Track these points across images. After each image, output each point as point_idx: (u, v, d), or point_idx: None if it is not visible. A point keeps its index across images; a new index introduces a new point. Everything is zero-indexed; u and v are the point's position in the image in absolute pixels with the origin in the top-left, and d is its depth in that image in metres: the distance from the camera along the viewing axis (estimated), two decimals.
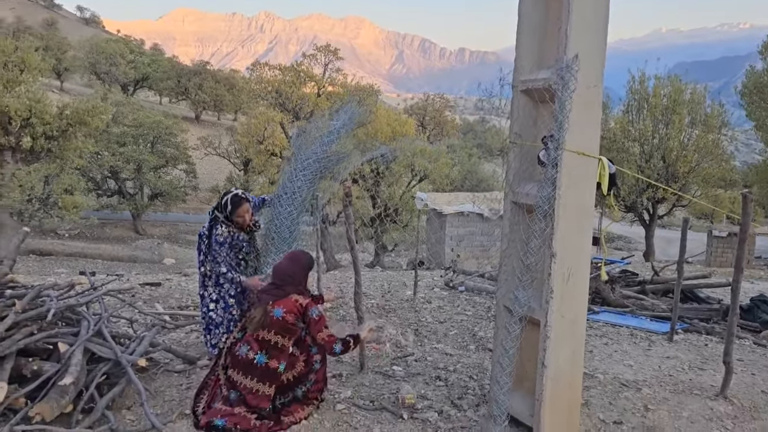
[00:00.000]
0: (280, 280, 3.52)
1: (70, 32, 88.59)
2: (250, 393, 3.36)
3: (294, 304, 3.44)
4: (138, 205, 30.60)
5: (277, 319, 3.41)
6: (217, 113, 59.92)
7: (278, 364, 3.43)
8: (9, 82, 14.74)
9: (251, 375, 3.38)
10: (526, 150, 3.38)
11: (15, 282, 3.50)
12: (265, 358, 3.40)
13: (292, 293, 3.48)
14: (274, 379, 3.42)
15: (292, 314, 3.43)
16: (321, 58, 29.56)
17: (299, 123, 26.31)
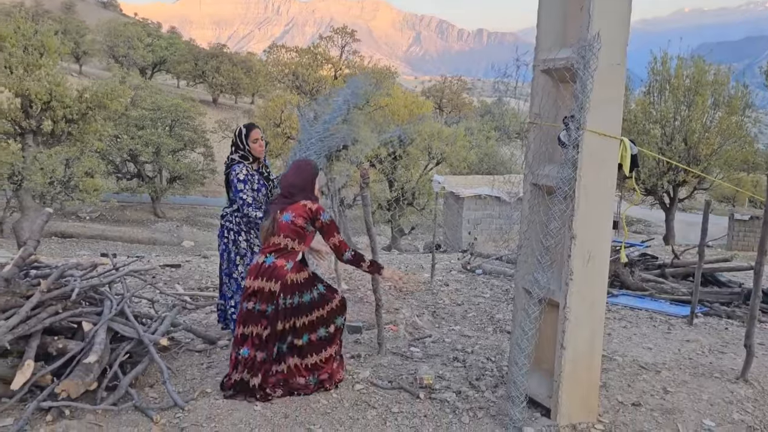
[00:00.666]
0: (288, 191, 3.61)
1: (88, 16, 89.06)
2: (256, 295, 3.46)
3: (303, 209, 3.53)
4: (157, 188, 30.89)
5: (286, 223, 3.51)
6: (235, 96, 60.03)
7: (286, 262, 3.51)
8: (29, 65, 14.87)
9: (260, 276, 3.48)
10: (546, 130, 3.35)
11: (39, 262, 3.56)
12: (273, 257, 3.50)
13: (300, 199, 3.56)
14: (281, 275, 3.47)
15: (302, 218, 3.51)
16: (338, 41, 29.42)
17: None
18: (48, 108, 15.29)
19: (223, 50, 59.37)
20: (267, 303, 3.47)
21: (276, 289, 3.46)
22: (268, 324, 3.48)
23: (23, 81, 14.51)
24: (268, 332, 3.49)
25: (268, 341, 3.50)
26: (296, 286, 3.53)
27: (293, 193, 3.59)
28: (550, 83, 3.32)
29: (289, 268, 3.50)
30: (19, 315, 3.09)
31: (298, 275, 3.54)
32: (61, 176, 15.15)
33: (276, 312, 3.48)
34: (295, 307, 3.54)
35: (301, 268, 3.60)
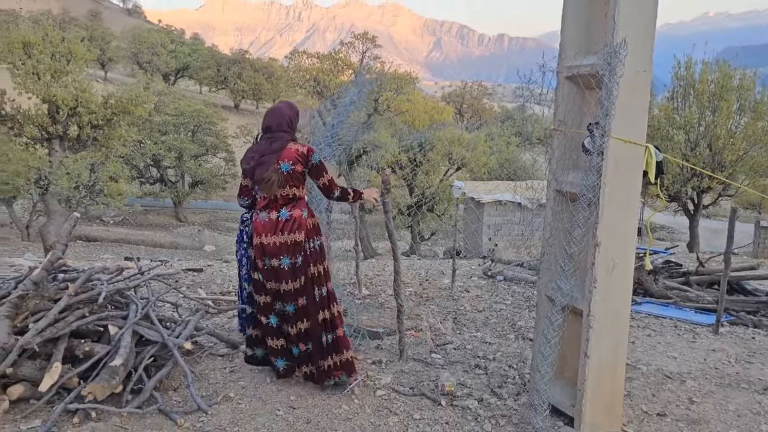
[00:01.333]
0: (273, 132, 3.59)
1: (113, 23, 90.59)
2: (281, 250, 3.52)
3: (296, 154, 3.53)
4: (179, 193, 31.25)
5: (288, 173, 3.52)
6: (256, 102, 60.55)
7: (301, 211, 3.58)
8: (56, 72, 15.15)
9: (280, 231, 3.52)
10: (570, 137, 3.33)
11: (67, 266, 3.62)
12: (287, 211, 3.55)
13: (288, 142, 3.56)
14: (303, 224, 3.55)
15: (300, 164, 3.53)
16: (359, 46, 29.55)
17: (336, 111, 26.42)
18: (74, 114, 15.57)
19: (245, 56, 59.96)
20: (295, 254, 3.53)
21: (301, 239, 3.54)
22: (299, 274, 3.56)
23: (50, 87, 14.80)
24: (300, 283, 3.57)
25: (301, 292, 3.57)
26: (314, 230, 3.65)
27: (278, 134, 3.57)
28: (575, 90, 3.30)
29: (306, 215, 3.60)
30: (47, 318, 3.15)
31: (313, 219, 3.68)
32: (86, 181, 15.40)
33: (306, 258, 3.57)
34: (318, 251, 3.66)
35: (312, 212, 3.71)
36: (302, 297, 3.59)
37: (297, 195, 3.58)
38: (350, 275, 8.04)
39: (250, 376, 3.86)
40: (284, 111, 3.68)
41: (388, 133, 26.15)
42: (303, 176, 3.59)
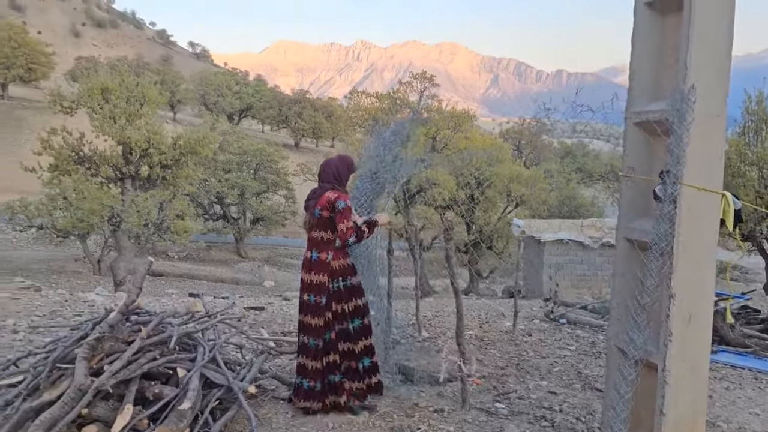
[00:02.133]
0: (320, 182, 4.10)
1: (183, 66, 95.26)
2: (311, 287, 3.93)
3: (326, 200, 3.93)
4: (241, 229, 32.07)
5: (317, 218, 3.96)
6: (316, 140, 62.00)
7: (327, 254, 3.94)
8: (131, 115, 15.99)
9: (311, 271, 3.95)
10: (640, 183, 3.24)
11: (140, 308, 3.75)
12: (316, 252, 3.96)
13: (327, 191, 3.97)
14: (326, 266, 3.91)
15: (326, 210, 3.92)
16: (416, 85, 29.94)
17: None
18: (146, 154, 16.34)
19: (306, 96, 61.73)
20: (320, 294, 3.91)
21: (325, 280, 3.90)
22: (323, 312, 3.90)
23: (125, 130, 15.61)
24: (324, 320, 3.90)
25: (322, 330, 3.90)
26: (339, 271, 3.95)
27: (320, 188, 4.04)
28: (644, 136, 3.23)
29: (330, 258, 3.94)
30: (121, 360, 3.25)
31: (338, 262, 3.96)
32: (154, 218, 16.03)
33: (329, 298, 3.91)
34: (342, 291, 3.96)
35: (340, 255, 3.99)
36: (325, 333, 3.92)
37: (325, 238, 3.96)
38: (409, 316, 7.99)
39: (312, 422, 3.85)
40: (332, 164, 4.15)
41: (445, 170, 26.16)
42: (330, 221, 3.93)
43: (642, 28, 3.19)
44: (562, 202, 37.70)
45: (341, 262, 3.99)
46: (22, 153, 36.81)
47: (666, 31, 3.13)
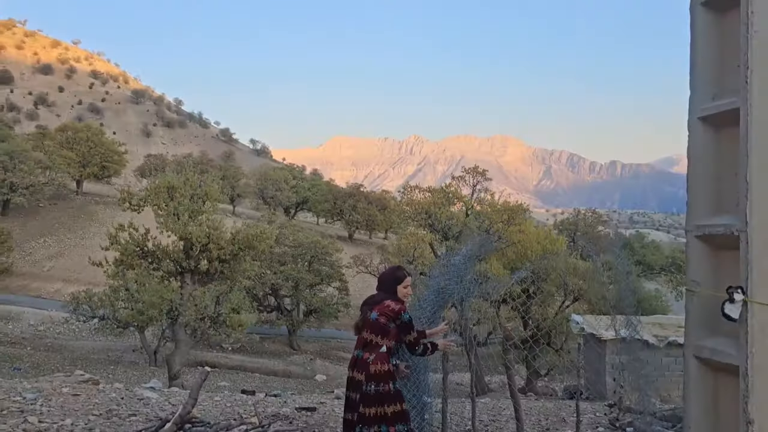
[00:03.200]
0: (378, 289, 4.35)
1: (243, 162, 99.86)
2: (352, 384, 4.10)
3: (387, 308, 4.12)
4: (294, 321, 32.18)
5: (372, 321, 4.12)
6: (369, 232, 62.78)
7: (370, 355, 4.08)
8: (193, 212, 16.70)
9: (353, 368, 4.13)
10: (707, 299, 3.11)
11: (195, 418, 3.76)
12: (362, 351, 4.12)
13: (386, 299, 4.17)
14: (366, 367, 4.03)
15: (385, 316, 4.10)
16: (469, 180, 30.31)
17: (448, 243, 26.71)
18: (205, 249, 16.89)
19: (360, 189, 63.25)
20: (357, 391, 4.05)
21: (362, 379, 4.04)
22: (356, 408, 4.03)
23: (187, 226, 16.26)
24: (355, 418, 4.02)
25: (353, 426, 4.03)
26: (374, 375, 4.04)
27: (379, 295, 4.27)
28: (707, 249, 3.14)
29: (371, 360, 4.06)
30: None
31: (377, 366, 4.06)
32: (211, 312, 16.31)
33: (361, 397, 4.02)
34: (372, 395, 4.02)
35: (383, 360, 4.09)
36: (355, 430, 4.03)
37: (373, 341, 4.13)
38: (465, 420, 7.68)
39: None
40: (389, 275, 4.49)
41: (500, 264, 25.88)
42: (384, 328, 4.12)
43: (697, 143, 3.18)
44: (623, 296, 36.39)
45: (379, 367, 4.10)
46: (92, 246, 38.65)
47: (722, 142, 3.11)
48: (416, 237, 27.52)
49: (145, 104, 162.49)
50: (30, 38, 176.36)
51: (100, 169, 55.74)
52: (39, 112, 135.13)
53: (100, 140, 56.11)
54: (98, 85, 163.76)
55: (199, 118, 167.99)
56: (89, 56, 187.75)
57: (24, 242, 42.92)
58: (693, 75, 3.17)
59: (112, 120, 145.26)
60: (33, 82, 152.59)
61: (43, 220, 46.84)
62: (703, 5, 3.14)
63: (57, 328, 31.36)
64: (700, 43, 3.15)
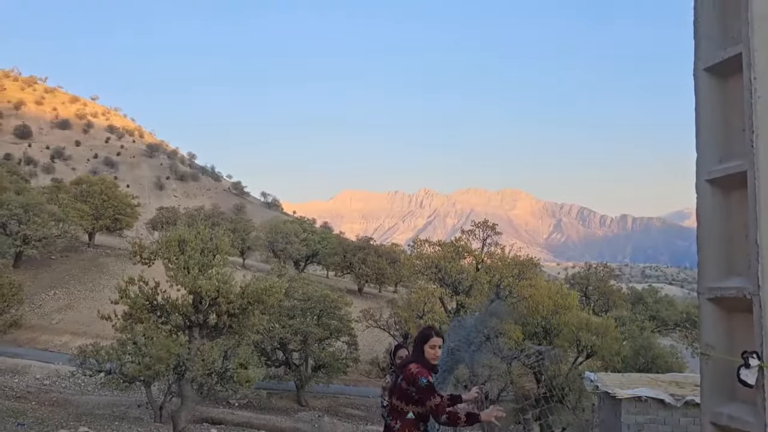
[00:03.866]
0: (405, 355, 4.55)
1: (254, 215, 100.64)
2: None
3: (408, 372, 4.03)
4: (302, 376, 31.65)
5: (398, 386, 4.12)
6: (379, 285, 62.43)
7: (396, 423, 4.06)
8: (204, 266, 16.73)
9: None
10: (722, 363, 3.06)
11: None
12: (389, 417, 4.16)
13: (410, 362, 4.11)
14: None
15: (406, 381, 4.03)
16: (479, 234, 30.31)
17: (458, 297, 26.50)
18: (215, 303, 16.83)
19: (369, 242, 63.29)
20: None
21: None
22: None
23: (197, 280, 16.27)
24: None
25: None
26: None
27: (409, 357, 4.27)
28: (720, 311, 3.10)
29: (397, 428, 4.04)
30: None
31: None
32: (218, 368, 16.12)
33: None
34: None
35: (410, 427, 4.02)
36: None
37: (399, 407, 4.09)
38: None
39: None
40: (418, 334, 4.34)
41: (511, 319, 25.57)
42: (407, 394, 4.03)
43: (706, 205, 3.19)
44: (637, 353, 35.67)
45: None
46: (101, 298, 38.66)
47: (731, 207, 3.11)
48: (426, 291, 27.37)
49: (159, 158, 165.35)
50: (50, 94, 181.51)
51: (113, 221, 56.30)
52: (55, 166, 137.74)
53: (113, 193, 56.86)
54: (114, 140, 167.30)
55: (211, 172, 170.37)
56: (106, 111, 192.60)
57: (34, 294, 43.01)
58: (699, 138, 3.22)
59: (126, 173, 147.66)
60: (51, 137, 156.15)
61: (54, 273, 47.04)
62: (706, 71, 3.21)
63: (63, 382, 31.04)
64: (704, 107, 3.20)
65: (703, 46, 3.25)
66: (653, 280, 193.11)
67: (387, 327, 34.29)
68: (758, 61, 2.87)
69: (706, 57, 3.22)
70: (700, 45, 3.26)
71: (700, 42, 3.27)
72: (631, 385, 18.69)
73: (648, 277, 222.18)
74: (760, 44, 2.91)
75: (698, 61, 3.24)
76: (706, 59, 3.21)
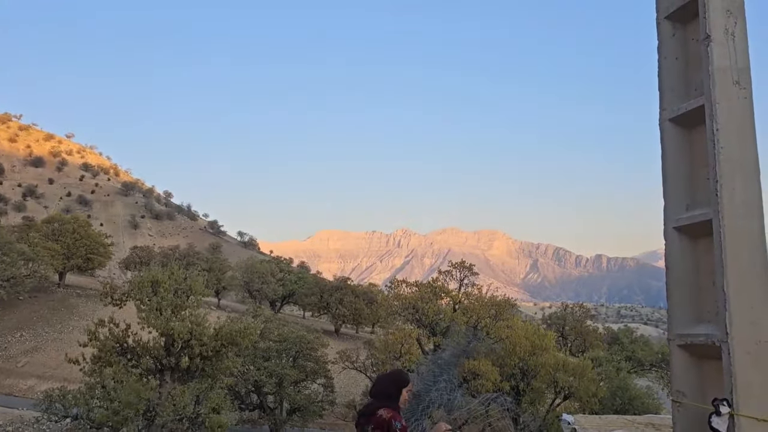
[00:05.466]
0: (373, 397, 4.20)
1: (231, 254, 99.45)
2: None
3: (379, 419, 3.98)
4: (277, 420, 30.87)
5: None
6: (356, 326, 61.78)
7: None
8: (177, 307, 16.43)
9: None
10: (693, 410, 3.06)
11: None
12: None
13: (378, 408, 4.03)
14: None
15: (380, 429, 3.96)
16: (456, 274, 30.32)
17: (435, 339, 26.31)
18: (187, 345, 16.46)
19: (347, 282, 62.82)
20: None
21: None
22: None
23: (170, 321, 15.94)
24: None
25: None
26: None
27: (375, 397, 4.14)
28: (690, 358, 3.13)
29: None
30: None
31: None
32: (190, 413, 15.67)
33: None
34: None
35: None
36: None
37: None
38: None
39: None
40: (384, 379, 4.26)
41: (488, 360, 25.41)
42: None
43: (674, 251, 3.25)
44: (614, 394, 35.60)
45: None
46: (70, 340, 37.62)
47: (699, 254, 3.17)
48: (403, 332, 27.12)
49: (134, 196, 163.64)
50: (24, 131, 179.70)
51: (85, 261, 55.20)
52: (27, 204, 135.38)
53: (86, 232, 55.92)
54: (89, 177, 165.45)
55: (187, 211, 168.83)
56: (82, 149, 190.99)
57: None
58: (666, 186, 3.29)
59: (100, 212, 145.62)
60: (23, 175, 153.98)
61: (21, 314, 45.74)
62: (671, 121, 3.31)
63: (26, 428, 29.85)
64: (670, 156, 3.29)
65: (667, 97, 3.35)
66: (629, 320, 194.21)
67: (364, 369, 33.80)
68: (720, 113, 2.97)
69: (670, 108, 3.32)
70: (665, 96, 3.37)
71: (664, 93, 3.38)
72: (608, 427, 18.61)
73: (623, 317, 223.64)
74: (721, 96, 3.01)
75: (663, 112, 3.34)
76: (671, 110, 3.31)
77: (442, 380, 5.35)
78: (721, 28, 3.06)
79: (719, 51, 3.03)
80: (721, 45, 3.04)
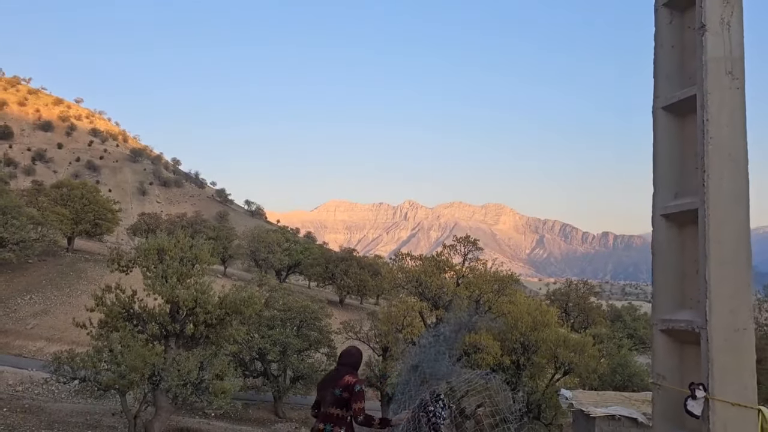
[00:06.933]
0: (341, 366, 4.97)
1: (237, 223, 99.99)
2: None
3: (345, 382, 4.78)
4: (280, 387, 31.44)
5: (337, 397, 4.74)
6: (360, 297, 62.30)
7: (340, 429, 4.69)
8: (182, 275, 16.63)
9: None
10: (672, 393, 3.16)
11: None
12: (330, 427, 4.71)
13: (345, 375, 4.83)
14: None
15: (347, 391, 4.73)
16: (461, 249, 30.43)
17: (438, 312, 26.53)
18: (192, 313, 16.71)
19: (352, 254, 63.21)
20: None
21: None
22: None
23: (175, 289, 16.16)
24: None
25: None
26: None
27: (340, 371, 4.90)
28: (672, 343, 3.20)
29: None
30: None
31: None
32: (194, 378, 15.99)
33: None
34: None
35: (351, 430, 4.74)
36: None
37: (340, 415, 4.73)
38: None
39: None
40: (353, 353, 5.17)
41: (490, 335, 25.64)
42: (347, 402, 4.71)
43: (661, 238, 3.30)
44: (614, 370, 35.96)
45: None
46: (78, 304, 38.18)
47: (685, 243, 3.23)
48: (407, 305, 27.35)
49: (142, 163, 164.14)
50: (33, 96, 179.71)
51: (93, 226, 55.68)
52: (36, 168, 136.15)
53: (94, 198, 56.28)
54: (97, 143, 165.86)
55: (195, 178, 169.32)
56: (90, 114, 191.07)
57: (9, 299, 42.35)
58: (656, 174, 3.33)
59: (108, 178, 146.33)
60: (33, 139, 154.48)
61: (31, 277, 46.37)
62: (664, 109, 3.33)
63: (36, 388, 30.55)
64: (661, 144, 3.32)
65: (662, 84, 3.37)
66: (633, 297, 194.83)
67: (367, 339, 34.20)
68: (711, 103, 3.00)
69: (664, 96, 3.34)
70: (659, 84, 3.38)
71: (658, 81, 3.39)
72: (605, 403, 18.86)
73: (628, 294, 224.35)
74: (713, 86, 3.03)
75: (656, 100, 3.36)
76: (664, 98, 3.33)
77: (443, 352, 5.43)
78: (717, 17, 3.07)
79: (714, 41, 3.04)
80: (716, 35, 3.05)
